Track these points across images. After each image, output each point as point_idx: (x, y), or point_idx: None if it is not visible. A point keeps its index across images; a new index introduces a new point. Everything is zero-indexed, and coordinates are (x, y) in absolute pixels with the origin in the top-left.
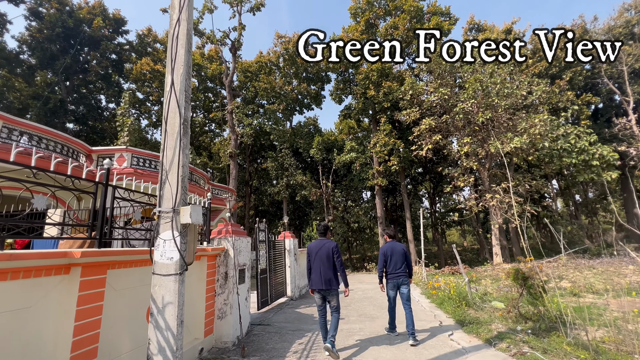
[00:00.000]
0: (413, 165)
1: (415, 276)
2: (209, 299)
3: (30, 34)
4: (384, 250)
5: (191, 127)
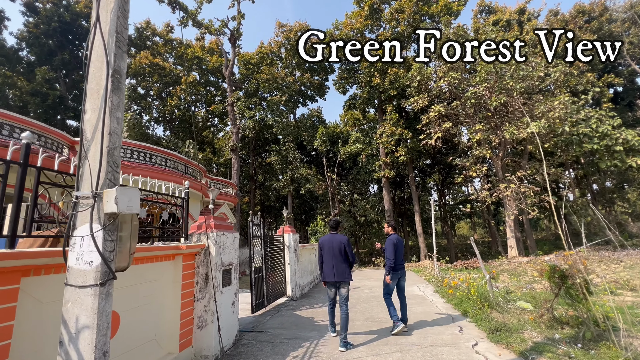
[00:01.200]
0: (421, 156)
1: (426, 271)
2: (185, 305)
3: (28, 30)
4: (394, 242)
5: (194, 122)
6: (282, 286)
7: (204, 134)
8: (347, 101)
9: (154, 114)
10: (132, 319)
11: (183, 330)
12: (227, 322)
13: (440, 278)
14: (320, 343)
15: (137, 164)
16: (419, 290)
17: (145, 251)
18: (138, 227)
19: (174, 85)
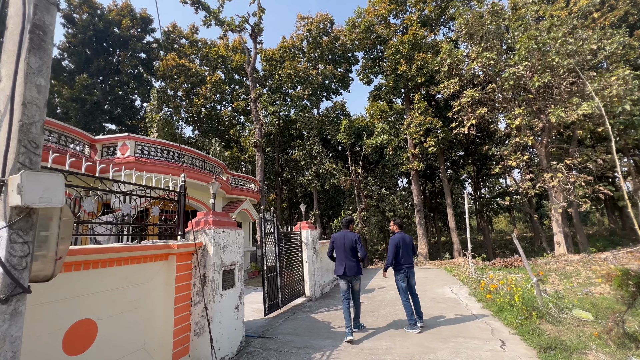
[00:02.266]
0: (453, 147)
1: (460, 270)
2: (180, 310)
3: (68, 40)
4: (396, 241)
5: (220, 120)
6: (299, 286)
7: (231, 132)
8: (372, 92)
9: (183, 114)
10: (113, 327)
11: (178, 338)
12: (229, 329)
13: (477, 278)
14: (333, 355)
15: (154, 160)
16: (452, 292)
17: (125, 251)
18: (73, 224)
19: (200, 85)
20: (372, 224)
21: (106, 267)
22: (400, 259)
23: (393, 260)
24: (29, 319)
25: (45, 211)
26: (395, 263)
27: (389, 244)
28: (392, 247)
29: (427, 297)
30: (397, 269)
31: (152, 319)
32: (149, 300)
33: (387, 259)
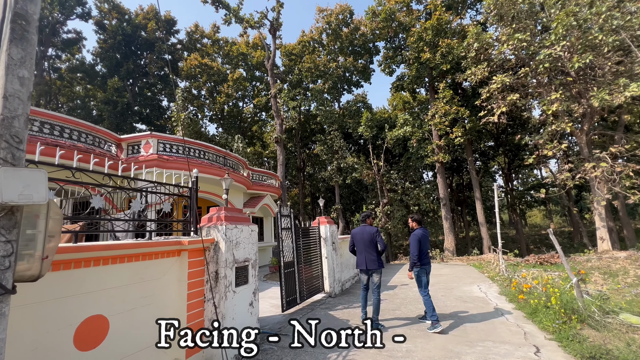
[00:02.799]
0: (482, 137)
1: (489, 267)
2: (193, 307)
3: (100, 46)
4: (418, 237)
5: (242, 117)
6: (318, 282)
7: (253, 129)
8: (394, 83)
9: (207, 113)
10: (125, 323)
11: None
12: (242, 325)
13: (508, 276)
14: (349, 356)
15: (176, 157)
16: (480, 291)
17: (135, 247)
18: (61, 222)
19: (222, 83)
20: (395, 219)
21: (116, 264)
22: (422, 255)
23: (418, 257)
24: (38, 315)
25: (32, 208)
26: (419, 259)
27: (411, 240)
28: (415, 243)
29: (452, 295)
30: (420, 265)
31: (165, 315)
32: (161, 297)
33: (411, 256)
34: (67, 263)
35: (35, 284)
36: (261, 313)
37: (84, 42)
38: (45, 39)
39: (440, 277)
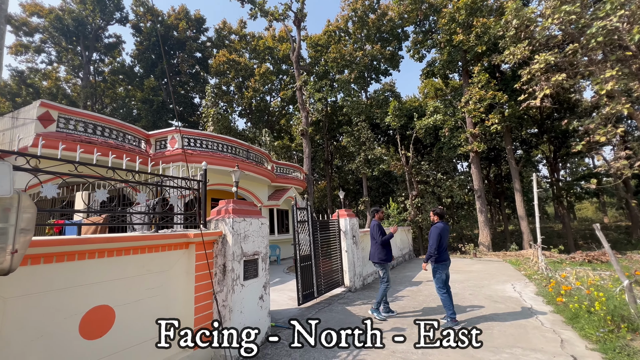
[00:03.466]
0: (523, 123)
1: (528, 264)
2: (201, 299)
3: (137, 48)
4: (440, 230)
5: (270, 111)
6: (338, 276)
7: (281, 122)
8: (424, 69)
9: (236, 108)
10: (132, 313)
11: (199, 326)
12: (251, 319)
13: (547, 275)
14: (360, 356)
15: (200, 152)
16: (514, 291)
17: (139, 240)
18: (35, 216)
19: (249, 78)
20: (427, 211)
21: (122, 256)
22: (442, 250)
23: (437, 251)
24: (44, 304)
25: (2, 202)
26: (438, 254)
27: (432, 233)
28: (435, 236)
29: (482, 294)
30: (439, 260)
31: (173, 306)
32: (169, 288)
33: (429, 249)
34: (71, 255)
35: (39, 275)
36: (279, 306)
37: (123, 45)
38: (89, 45)
39: (470, 274)
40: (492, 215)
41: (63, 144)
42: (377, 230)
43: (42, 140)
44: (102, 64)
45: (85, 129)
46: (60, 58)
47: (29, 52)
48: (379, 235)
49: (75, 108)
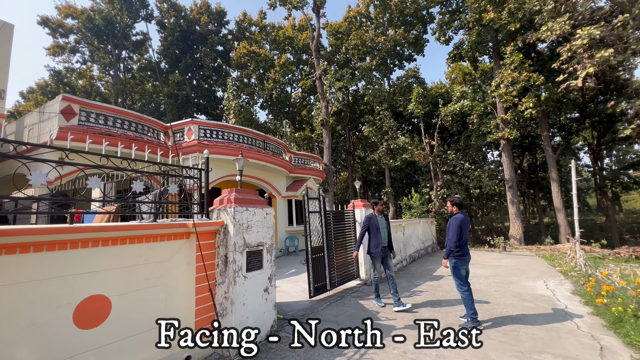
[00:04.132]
0: (562, 107)
1: (564, 259)
2: (202, 290)
3: (162, 45)
4: (459, 222)
5: (291, 102)
6: (353, 268)
7: (303, 114)
8: (450, 52)
9: (257, 100)
10: (129, 303)
11: (200, 318)
12: (255, 312)
13: (586, 272)
14: (368, 355)
15: (215, 142)
16: (546, 288)
17: (134, 229)
18: None
19: (269, 69)
20: None
21: (117, 245)
22: (462, 244)
23: (457, 245)
24: (36, 292)
25: None
26: (458, 248)
27: (451, 225)
28: (455, 228)
29: (509, 291)
30: (458, 255)
31: (173, 297)
32: (169, 279)
33: (448, 243)
34: (62, 243)
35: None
36: (291, 298)
37: (149, 42)
38: (118, 43)
39: (497, 269)
40: (526, 207)
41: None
42: (366, 221)
43: (71, 135)
44: (131, 61)
45: (105, 121)
46: (93, 57)
47: (65, 52)
48: (363, 227)
49: (95, 102)
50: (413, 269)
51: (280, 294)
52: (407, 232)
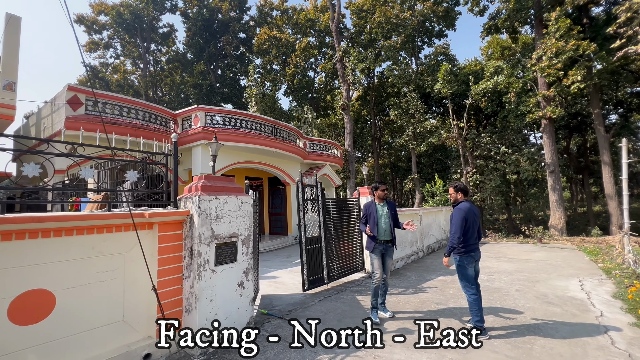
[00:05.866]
0: (619, 81)
1: (610, 254)
2: (166, 285)
3: (187, 35)
4: (464, 213)
5: (314, 88)
6: (357, 260)
7: (327, 99)
8: (485, 24)
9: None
10: (77, 298)
11: (165, 313)
12: (227, 308)
13: (635, 271)
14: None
15: (221, 129)
16: (580, 289)
17: (81, 220)
18: None
19: (290, 54)
20: (486, 190)
21: (62, 237)
22: (468, 238)
23: (461, 239)
24: None
25: None
26: (463, 243)
27: (454, 216)
28: (459, 220)
29: (533, 291)
30: (464, 251)
31: (133, 291)
32: (128, 272)
33: (451, 237)
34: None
35: None
36: (286, 290)
37: (175, 33)
38: (146, 36)
39: (526, 264)
40: (573, 194)
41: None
42: (364, 211)
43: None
44: (160, 53)
45: (112, 110)
46: (125, 51)
47: (99, 48)
48: (362, 217)
49: (102, 91)
50: (429, 261)
51: (277, 285)
52: (425, 221)
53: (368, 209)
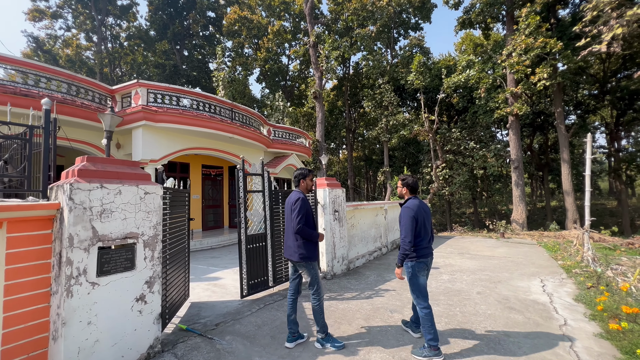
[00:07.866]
0: (579, 82)
1: (568, 250)
2: (18, 305)
3: (149, 10)
4: (414, 212)
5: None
6: None
7: (301, 88)
8: (459, 17)
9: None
10: None
11: (9, 346)
12: (117, 332)
13: (595, 270)
14: None
15: (166, 109)
16: (542, 291)
17: None
18: None
19: (262, 37)
20: (455, 184)
21: None
22: (421, 241)
23: (412, 244)
24: None
25: None
26: (415, 246)
27: (402, 217)
28: (408, 221)
29: (495, 294)
30: (415, 256)
31: None
32: None
33: (402, 242)
34: None
35: None
36: (222, 296)
37: (137, 7)
38: (102, 7)
39: (488, 261)
40: (533, 190)
41: None
42: (298, 206)
43: None
44: (120, 29)
45: (25, 80)
46: (76, 23)
47: (46, 17)
48: (296, 216)
49: (15, 56)
50: (392, 258)
51: (215, 289)
52: (390, 215)
53: (306, 204)
